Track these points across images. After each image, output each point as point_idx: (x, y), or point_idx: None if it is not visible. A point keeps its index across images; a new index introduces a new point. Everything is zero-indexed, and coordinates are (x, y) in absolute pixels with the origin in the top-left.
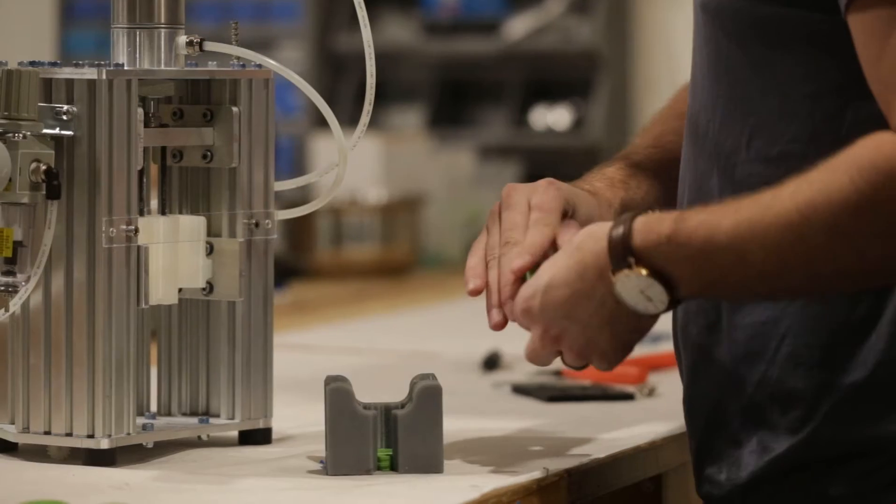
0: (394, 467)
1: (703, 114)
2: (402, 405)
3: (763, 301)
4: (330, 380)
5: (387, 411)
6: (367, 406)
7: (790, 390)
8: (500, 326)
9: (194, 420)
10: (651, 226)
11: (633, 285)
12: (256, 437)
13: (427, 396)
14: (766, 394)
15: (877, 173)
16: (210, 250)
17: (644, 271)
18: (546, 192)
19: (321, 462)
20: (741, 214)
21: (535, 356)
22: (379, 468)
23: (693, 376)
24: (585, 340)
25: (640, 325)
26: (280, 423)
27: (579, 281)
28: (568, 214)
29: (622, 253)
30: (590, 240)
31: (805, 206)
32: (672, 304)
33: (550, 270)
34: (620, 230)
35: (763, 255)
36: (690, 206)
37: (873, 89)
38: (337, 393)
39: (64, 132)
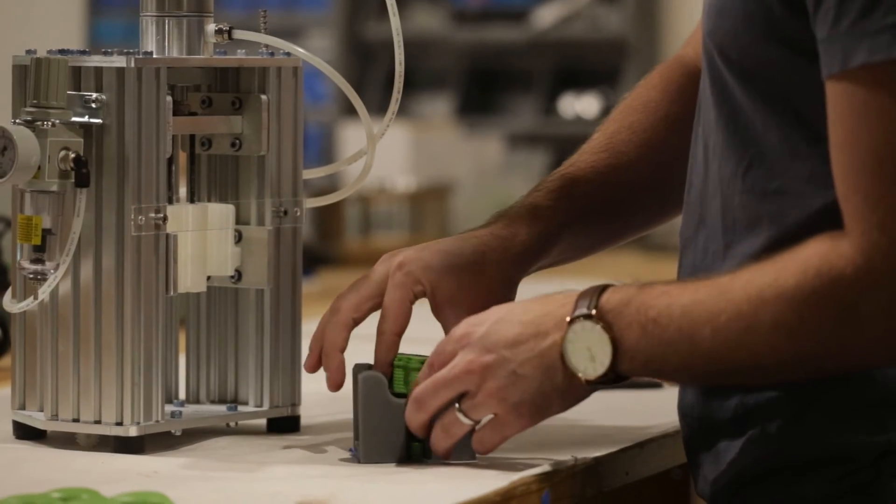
0: (426, 455)
1: (710, 131)
2: None
3: (699, 384)
4: (359, 368)
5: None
6: (396, 394)
7: (773, 395)
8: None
9: (222, 408)
10: (620, 289)
11: (584, 339)
12: (285, 424)
13: None
14: (752, 398)
15: (820, 280)
16: (238, 238)
17: (600, 325)
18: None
19: (351, 450)
20: (699, 294)
21: (435, 389)
22: (411, 457)
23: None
24: (508, 381)
25: (563, 396)
26: (308, 410)
27: (534, 325)
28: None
29: (589, 303)
30: (562, 294)
31: (755, 298)
32: (606, 376)
33: (509, 307)
34: (597, 286)
35: (711, 337)
36: (695, 206)
37: (835, 176)
38: (369, 381)
39: (93, 120)
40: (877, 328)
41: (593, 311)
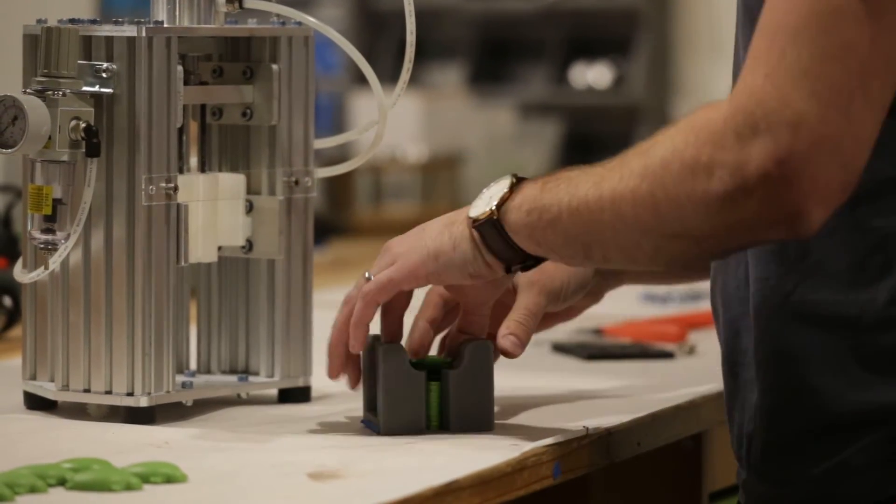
0: (443, 426)
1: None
2: (450, 364)
3: (573, 255)
4: (372, 339)
5: (435, 370)
6: (413, 364)
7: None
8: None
9: (233, 378)
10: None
11: (496, 188)
12: (296, 395)
13: (479, 354)
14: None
15: (692, 131)
16: (250, 208)
17: (512, 179)
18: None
19: (364, 423)
20: (603, 164)
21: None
22: (428, 428)
23: (732, 331)
24: (411, 239)
25: (454, 247)
26: (319, 381)
27: (446, 217)
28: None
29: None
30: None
31: (637, 151)
32: (490, 216)
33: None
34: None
35: (590, 184)
36: None
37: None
38: (391, 352)
39: (103, 90)
40: (722, 182)
41: (514, 176)
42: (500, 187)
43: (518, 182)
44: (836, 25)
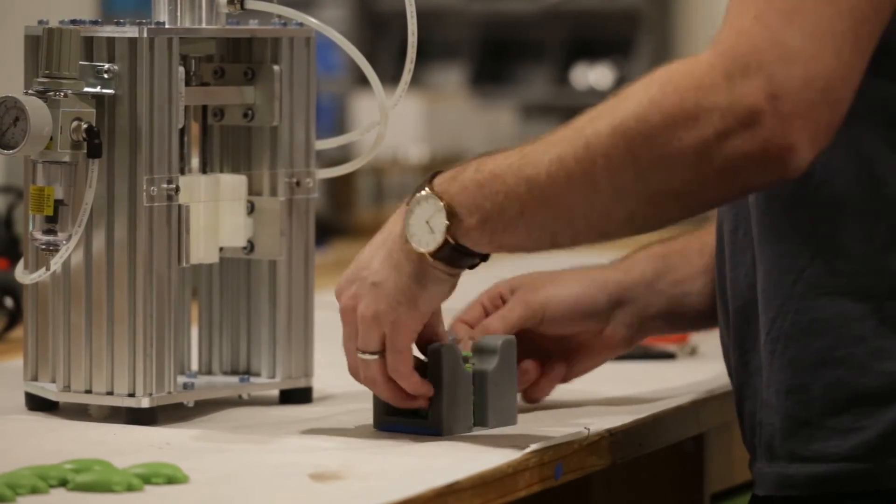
0: (480, 423)
1: None
2: (472, 360)
3: (540, 247)
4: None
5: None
6: None
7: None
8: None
9: (235, 379)
10: (456, 167)
11: (421, 214)
12: (297, 396)
13: (509, 350)
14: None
15: (669, 81)
16: (251, 209)
17: (433, 195)
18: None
19: (387, 427)
20: (539, 141)
21: (346, 352)
22: (475, 424)
23: (743, 318)
24: (371, 295)
25: (420, 281)
26: (321, 381)
27: (380, 236)
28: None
29: (422, 183)
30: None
31: (601, 113)
32: (447, 245)
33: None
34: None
35: (547, 166)
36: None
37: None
38: (450, 352)
39: (105, 91)
40: (711, 125)
41: (425, 189)
42: (432, 209)
43: (441, 194)
44: None
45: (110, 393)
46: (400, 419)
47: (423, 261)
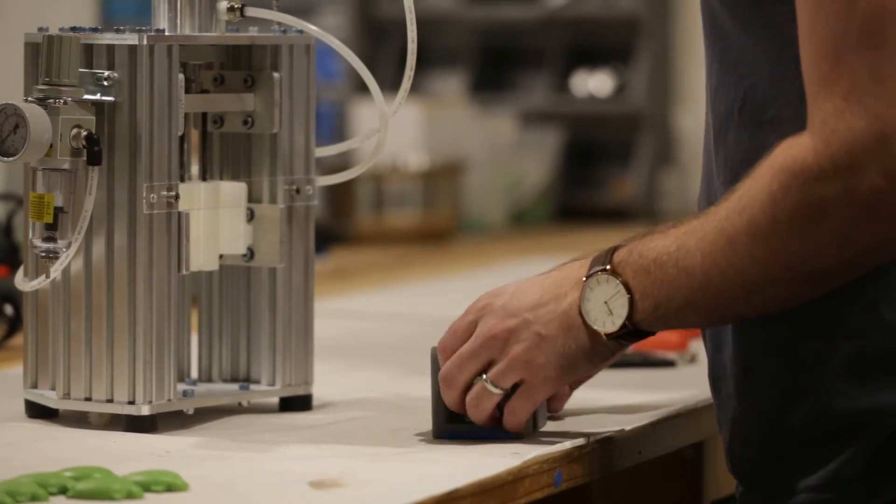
0: (532, 425)
1: (707, 81)
2: None
3: (711, 325)
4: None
5: None
6: None
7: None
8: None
9: (235, 387)
10: (628, 244)
11: (600, 294)
12: (297, 403)
13: None
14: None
15: (784, 174)
16: (251, 216)
17: (613, 277)
18: None
19: (449, 435)
20: (691, 224)
21: (461, 363)
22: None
23: (715, 346)
24: (532, 344)
25: (588, 355)
26: (321, 389)
27: (553, 288)
28: None
29: (603, 260)
30: (577, 260)
31: (733, 210)
32: (625, 328)
33: (527, 278)
34: (610, 247)
35: (702, 262)
36: (703, 179)
37: (802, 68)
38: None
39: (105, 98)
40: (840, 216)
41: (607, 267)
42: (612, 291)
43: (620, 275)
44: (890, 25)
45: (110, 400)
46: (463, 426)
47: (596, 339)
